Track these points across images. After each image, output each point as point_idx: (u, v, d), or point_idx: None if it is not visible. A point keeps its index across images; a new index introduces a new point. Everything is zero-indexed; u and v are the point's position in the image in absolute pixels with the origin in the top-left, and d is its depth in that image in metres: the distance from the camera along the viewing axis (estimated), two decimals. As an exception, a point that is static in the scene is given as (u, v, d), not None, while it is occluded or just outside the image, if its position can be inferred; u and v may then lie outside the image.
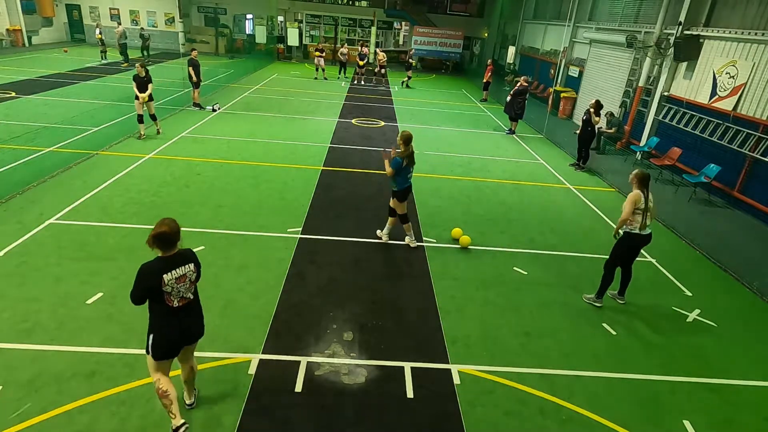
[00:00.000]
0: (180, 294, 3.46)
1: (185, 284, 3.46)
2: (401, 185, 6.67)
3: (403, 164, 6.53)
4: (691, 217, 9.22)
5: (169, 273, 3.36)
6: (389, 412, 4.18)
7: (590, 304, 6.03)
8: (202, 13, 28.91)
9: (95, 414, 3.88)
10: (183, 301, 3.49)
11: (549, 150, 13.46)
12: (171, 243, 3.38)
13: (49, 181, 8.30)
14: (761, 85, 9.51)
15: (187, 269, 3.46)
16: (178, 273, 3.40)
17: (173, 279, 3.38)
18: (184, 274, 3.43)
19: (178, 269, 3.40)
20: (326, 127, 13.66)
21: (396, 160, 6.52)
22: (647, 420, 4.34)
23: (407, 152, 6.54)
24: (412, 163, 6.65)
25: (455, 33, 28.23)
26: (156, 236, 3.32)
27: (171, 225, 3.37)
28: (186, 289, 3.49)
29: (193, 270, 3.49)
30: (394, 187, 6.71)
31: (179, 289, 3.43)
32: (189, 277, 3.46)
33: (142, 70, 10.67)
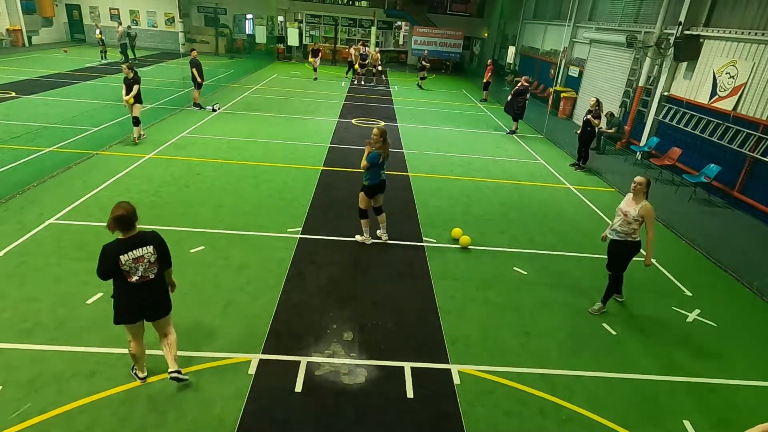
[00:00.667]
0: (138, 272, 3.70)
1: (143, 264, 3.70)
2: (372, 180, 6.66)
3: (380, 159, 6.51)
4: (691, 217, 9.22)
5: (125, 254, 3.62)
6: (389, 412, 4.18)
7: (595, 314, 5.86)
8: (202, 13, 28.91)
9: (95, 414, 3.88)
10: (142, 279, 3.74)
11: (549, 150, 13.46)
12: (128, 225, 3.63)
13: (49, 181, 8.30)
14: (761, 85, 9.51)
15: (146, 251, 3.69)
16: (135, 254, 3.65)
17: (130, 259, 3.64)
18: (142, 255, 3.68)
19: (136, 250, 3.65)
20: (326, 127, 13.66)
21: (374, 155, 6.49)
22: (647, 420, 4.34)
23: (384, 148, 6.53)
24: (386, 158, 6.65)
25: (455, 33, 28.23)
26: (114, 219, 3.56)
27: (127, 208, 3.61)
28: (145, 269, 3.72)
29: (152, 252, 3.71)
30: (366, 182, 6.69)
31: (137, 268, 3.68)
32: (147, 258, 3.70)
33: (129, 72, 10.24)
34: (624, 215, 5.46)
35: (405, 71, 28.21)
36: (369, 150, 6.53)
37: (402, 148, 12.19)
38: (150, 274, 3.77)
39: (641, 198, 5.39)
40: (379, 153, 6.50)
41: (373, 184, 6.69)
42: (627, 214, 5.42)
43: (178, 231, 6.94)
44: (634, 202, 5.42)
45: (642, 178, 5.43)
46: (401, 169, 10.62)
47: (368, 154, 6.50)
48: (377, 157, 6.51)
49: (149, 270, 3.75)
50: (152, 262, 3.75)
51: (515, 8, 26.45)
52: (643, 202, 5.37)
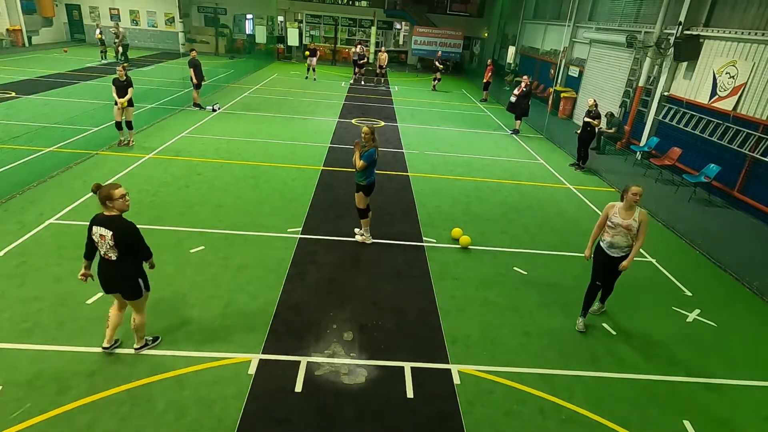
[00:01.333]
0: (102, 249, 4.08)
1: (104, 244, 4.03)
2: (370, 178, 6.66)
3: (375, 156, 6.52)
4: (691, 217, 9.22)
5: (95, 227, 4.06)
6: (389, 412, 4.18)
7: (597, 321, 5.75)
8: (202, 13, 28.91)
9: (95, 414, 3.88)
10: (105, 256, 4.10)
11: (549, 150, 13.46)
12: (102, 202, 4.05)
13: (49, 181, 8.30)
14: (761, 85, 9.51)
15: (106, 232, 3.99)
16: (100, 231, 4.02)
17: (97, 234, 4.05)
18: (104, 235, 4.01)
19: (102, 229, 4.02)
20: (326, 127, 13.66)
21: (371, 152, 6.47)
22: (647, 420, 4.34)
23: (375, 146, 6.52)
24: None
25: (455, 33, 28.22)
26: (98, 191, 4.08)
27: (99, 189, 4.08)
28: (106, 250, 4.05)
29: (110, 238, 3.98)
30: (363, 182, 6.66)
31: (101, 243, 4.06)
32: (107, 240, 4.00)
33: (123, 74, 10.00)
34: (627, 229, 5.09)
35: (405, 71, 28.20)
36: (359, 150, 6.52)
37: (402, 148, 12.19)
38: (111, 254, 4.06)
39: (634, 207, 5.11)
40: (376, 149, 6.50)
41: (371, 183, 6.69)
42: (630, 227, 5.07)
43: (178, 231, 6.94)
44: (628, 214, 5.11)
45: (640, 188, 5.07)
46: (401, 169, 10.62)
47: (362, 153, 6.48)
48: (374, 154, 6.50)
49: (109, 251, 4.05)
50: (111, 246, 4.02)
51: (515, 8, 26.45)
52: (637, 210, 5.10)
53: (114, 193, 4.04)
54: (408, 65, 30.24)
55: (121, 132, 10.40)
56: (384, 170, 10.38)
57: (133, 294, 4.27)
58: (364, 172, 6.60)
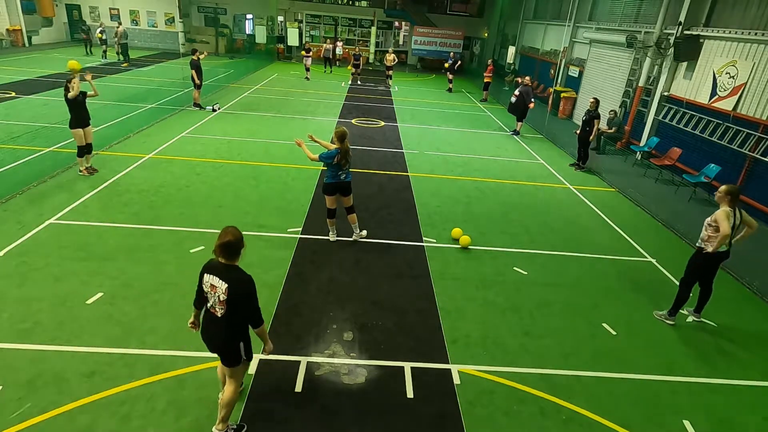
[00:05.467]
0: (210, 301, 3.50)
1: (214, 296, 3.44)
2: (328, 179, 6.63)
3: (335, 159, 6.41)
4: (691, 217, 9.21)
5: (208, 275, 3.46)
6: (389, 412, 4.18)
7: (661, 321, 5.83)
8: (202, 13, 28.89)
9: (95, 414, 3.88)
10: (212, 310, 3.51)
11: (549, 150, 13.46)
12: (225, 253, 3.40)
13: (49, 181, 8.30)
14: (761, 85, 9.51)
15: (220, 285, 3.39)
16: (213, 281, 3.42)
17: (208, 283, 3.46)
18: (216, 287, 3.41)
19: (215, 278, 3.41)
20: (326, 127, 13.65)
21: (329, 152, 6.42)
22: (647, 420, 4.34)
23: (342, 149, 6.42)
24: (346, 161, 6.50)
25: (455, 33, 28.22)
26: (218, 246, 3.39)
27: (235, 234, 3.40)
28: (214, 302, 3.46)
29: (224, 291, 3.37)
30: (325, 180, 6.69)
31: (210, 294, 3.47)
32: (218, 293, 3.41)
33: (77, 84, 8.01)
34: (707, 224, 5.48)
35: (405, 71, 28.19)
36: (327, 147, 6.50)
37: (402, 148, 12.19)
38: (218, 310, 3.45)
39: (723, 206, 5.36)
40: (337, 151, 6.39)
41: (328, 183, 6.64)
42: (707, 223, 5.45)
43: (178, 231, 6.94)
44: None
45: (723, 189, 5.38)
46: (401, 169, 10.62)
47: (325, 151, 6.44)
48: (331, 156, 6.39)
49: (217, 306, 3.45)
50: (221, 300, 3.41)
51: (515, 8, 26.45)
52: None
53: (242, 249, 3.47)
54: (408, 65, 30.23)
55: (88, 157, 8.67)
56: (384, 170, 10.38)
57: (230, 359, 3.63)
58: (326, 170, 6.59)
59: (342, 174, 6.60)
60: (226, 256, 3.40)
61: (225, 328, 3.50)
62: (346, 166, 6.57)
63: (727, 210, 5.28)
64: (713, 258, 5.45)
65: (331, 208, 6.86)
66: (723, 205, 5.34)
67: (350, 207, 6.93)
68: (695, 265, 5.63)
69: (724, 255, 5.48)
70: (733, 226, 5.25)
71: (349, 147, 6.52)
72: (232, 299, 3.38)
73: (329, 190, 6.70)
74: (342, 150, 6.42)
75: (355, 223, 7.07)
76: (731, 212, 5.27)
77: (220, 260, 3.42)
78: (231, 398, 3.69)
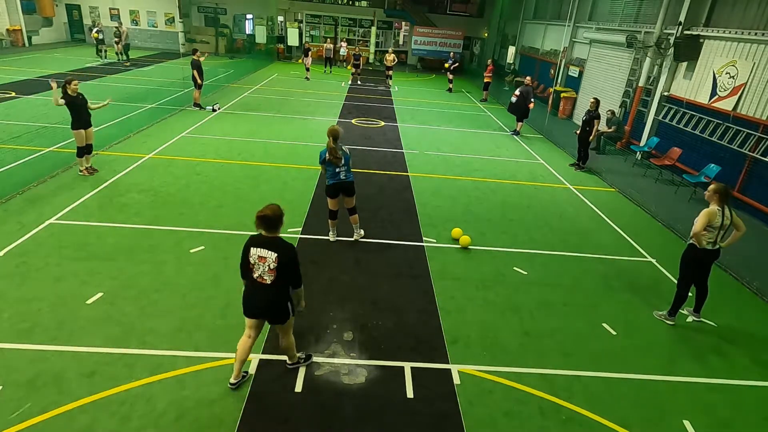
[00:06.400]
0: (258, 271, 3.90)
1: (263, 266, 3.87)
2: (329, 180, 6.62)
3: (325, 158, 6.42)
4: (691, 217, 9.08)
5: (255, 248, 3.88)
6: (389, 412, 4.18)
7: (662, 321, 5.84)
8: (202, 13, 28.89)
9: (95, 414, 3.88)
10: (260, 279, 3.92)
11: (549, 150, 13.46)
12: (269, 226, 3.86)
13: (49, 181, 8.30)
14: (761, 85, 9.51)
15: (270, 255, 3.83)
16: (261, 253, 3.86)
17: (256, 255, 3.88)
18: (265, 257, 3.85)
19: (263, 250, 3.85)
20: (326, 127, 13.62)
21: (321, 152, 6.47)
22: (647, 420, 4.34)
23: (328, 145, 6.38)
24: (334, 159, 6.39)
25: (455, 33, 28.22)
26: (258, 217, 3.84)
27: (274, 210, 3.86)
28: (263, 271, 3.88)
29: (274, 259, 3.82)
30: (326, 182, 6.69)
31: (259, 266, 3.89)
32: (269, 262, 3.85)
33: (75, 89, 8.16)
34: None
35: (405, 71, 28.19)
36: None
37: (402, 148, 12.19)
38: (267, 278, 3.89)
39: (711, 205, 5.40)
40: (326, 149, 6.38)
41: (329, 184, 6.64)
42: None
43: (178, 231, 6.94)
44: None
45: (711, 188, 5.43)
46: (401, 169, 10.62)
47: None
48: (322, 155, 6.44)
49: (267, 274, 3.88)
50: (271, 269, 3.85)
51: (515, 8, 26.45)
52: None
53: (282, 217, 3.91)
54: (408, 65, 30.23)
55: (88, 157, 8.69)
56: (384, 170, 10.38)
57: (281, 318, 4.11)
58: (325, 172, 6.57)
59: (341, 173, 6.57)
60: (266, 228, 3.86)
61: (275, 293, 3.96)
62: (340, 164, 6.48)
63: (714, 209, 5.31)
64: (702, 254, 5.46)
65: (333, 209, 6.85)
66: (712, 204, 5.38)
67: (352, 208, 6.92)
68: (686, 260, 5.66)
69: (715, 253, 5.50)
70: (721, 225, 5.29)
71: (335, 145, 6.37)
72: (281, 266, 3.84)
73: (330, 192, 6.69)
74: (328, 147, 6.40)
75: (357, 223, 7.07)
76: (718, 211, 5.29)
77: (263, 233, 3.88)
78: (289, 343, 4.31)
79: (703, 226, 5.27)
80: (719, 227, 5.30)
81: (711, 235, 5.35)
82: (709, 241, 5.37)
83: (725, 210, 5.32)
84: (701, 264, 5.60)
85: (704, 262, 5.59)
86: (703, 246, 5.37)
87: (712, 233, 5.34)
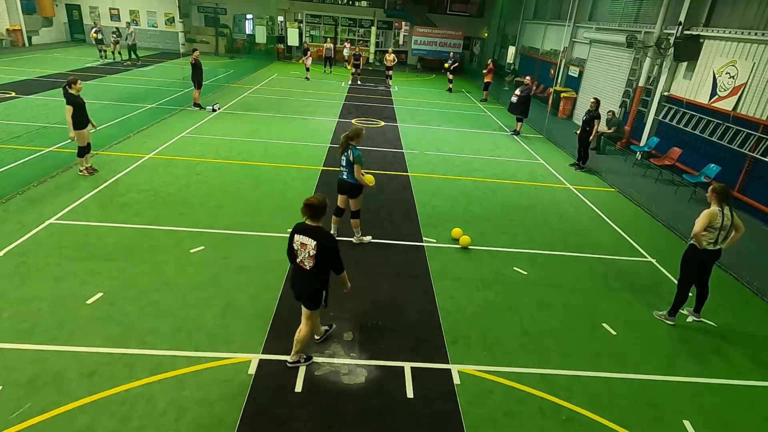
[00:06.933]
0: (299, 257, 4.18)
1: (304, 252, 4.13)
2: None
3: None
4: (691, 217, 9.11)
5: (299, 235, 4.15)
6: (389, 412, 4.18)
7: (662, 321, 5.84)
8: (202, 13, 28.90)
9: (95, 414, 3.88)
10: (302, 264, 4.19)
11: (549, 150, 13.46)
12: (312, 214, 4.12)
13: (49, 181, 8.30)
14: (761, 85, 9.51)
15: (309, 242, 4.08)
16: (302, 240, 4.12)
17: (298, 242, 4.16)
18: (306, 244, 4.10)
19: (305, 238, 4.10)
20: (326, 127, 13.66)
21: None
22: (647, 420, 4.34)
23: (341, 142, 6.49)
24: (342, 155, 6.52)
25: (455, 33, 28.23)
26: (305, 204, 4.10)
27: (319, 199, 4.12)
28: (303, 257, 4.15)
29: (313, 247, 4.06)
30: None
31: (300, 251, 4.16)
32: (308, 249, 4.10)
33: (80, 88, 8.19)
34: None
35: (405, 71, 28.19)
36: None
37: (402, 148, 12.19)
38: (307, 264, 4.16)
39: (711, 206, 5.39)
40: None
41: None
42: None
43: (178, 231, 6.94)
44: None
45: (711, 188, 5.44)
46: (401, 169, 10.62)
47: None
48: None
49: (307, 260, 4.15)
50: (311, 255, 4.10)
51: (515, 8, 26.44)
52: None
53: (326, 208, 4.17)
54: (408, 65, 30.23)
55: (88, 157, 8.68)
56: (384, 170, 10.38)
57: (312, 304, 4.36)
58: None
59: (343, 172, 6.60)
60: (310, 216, 4.11)
61: (312, 279, 4.21)
62: (342, 163, 6.55)
63: (714, 210, 5.30)
64: (703, 255, 5.45)
65: (338, 206, 6.88)
66: (712, 204, 5.37)
67: (354, 211, 6.88)
68: (687, 260, 5.64)
69: (716, 254, 5.48)
70: (721, 226, 5.28)
71: (344, 143, 6.43)
72: (320, 254, 4.08)
73: (336, 188, 6.78)
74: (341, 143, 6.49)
75: (356, 228, 7.04)
76: (718, 212, 5.28)
77: (307, 222, 4.14)
78: (305, 336, 4.47)
79: (704, 226, 5.26)
80: (720, 228, 5.29)
81: (711, 236, 5.33)
82: (710, 242, 5.36)
83: (725, 210, 5.31)
84: (702, 264, 5.59)
85: (705, 263, 5.58)
86: (703, 246, 5.36)
87: (712, 234, 5.32)
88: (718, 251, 5.47)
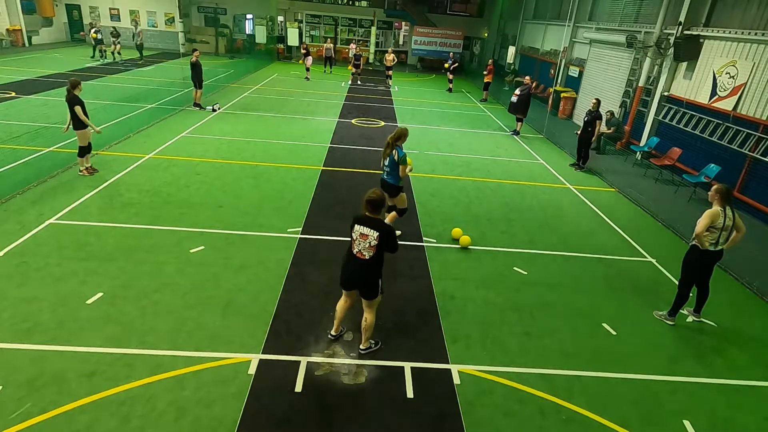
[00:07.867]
0: (358, 247, 4.40)
1: (364, 243, 4.35)
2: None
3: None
4: (691, 217, 9.14)
5: (359, 225, 4.39)
6: (389, 412, 4.18)
7: (662, 321, 5.84)
8: (202, 13, 28.89)
9: (95, 414, 3.88)
10: (360, 254, 4.40)
11: (549, 150, 13.46)
12: (373, 208, 4.38)
13: (49, 181, 8.30)
14: (761, 85, 9.51)
15: (371, 233, 4.31)
16: (363, 230, 4.35)
17: (358, 232, 4.38)
18: (367, 235, 4.33)
19: (366, 228, 4.35)
20: (326, 126, 13.66)
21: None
22: (647, 420, 4.34)
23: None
24: (383, 156, 6.77)
25: (455, 33, 28.23)
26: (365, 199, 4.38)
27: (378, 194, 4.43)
28: (363, 248, 4.37)
29: (375, 238, 4.30)
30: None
31: (359, 242, 4.38)
32: (369, 240, 4.33)
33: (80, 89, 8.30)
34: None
35: (405, 71, 28.19)
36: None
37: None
38: (366, 254, 4.37)
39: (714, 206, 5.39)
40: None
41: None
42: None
43: (178, 231, 6.94)
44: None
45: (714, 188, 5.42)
46: (401, 169, 10.61)
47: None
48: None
49: (366, 250, 4.36)
50: (371, 245, 4.33)
51: (515, 8, 26.45)
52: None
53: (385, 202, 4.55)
54: (408, 65, 30.23)
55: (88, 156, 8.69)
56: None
57: (371, 294, 4.60)
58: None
59: (384, 172, 6.76)
60: (371, 209, 4.37)
61: (370, 269, 4.46)
62: (384, 162, 6.72)
63: (716, 210, 5.29)
64: (705, 256, 5.44)
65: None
66: (714, 205, 5.37)
67: (400, 209, 7.01)
68: (688, 261, 5.64)
69: (717, 255, 5.48)
70: (723, 226, 5.27)
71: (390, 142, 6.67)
72: (381, 244, 4.33)
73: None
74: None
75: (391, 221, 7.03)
76: (720, 212, 5.28)
77: (367, 214, 4.38)
78: (371, 323, 4.72)
79: (706, 226, 5.25)
80: (721, 228, 5.29)
81: (713, 236, 5.33)
82: (711, 243, 5.36)
83: (727, 211, 5.31)
84: (704, 265, 5.58)
85: (707, 264, 5.57)
86: (705, 247, 5.35)
87: (714, 234, 5.32)
88: (719, 252, 5.46)
